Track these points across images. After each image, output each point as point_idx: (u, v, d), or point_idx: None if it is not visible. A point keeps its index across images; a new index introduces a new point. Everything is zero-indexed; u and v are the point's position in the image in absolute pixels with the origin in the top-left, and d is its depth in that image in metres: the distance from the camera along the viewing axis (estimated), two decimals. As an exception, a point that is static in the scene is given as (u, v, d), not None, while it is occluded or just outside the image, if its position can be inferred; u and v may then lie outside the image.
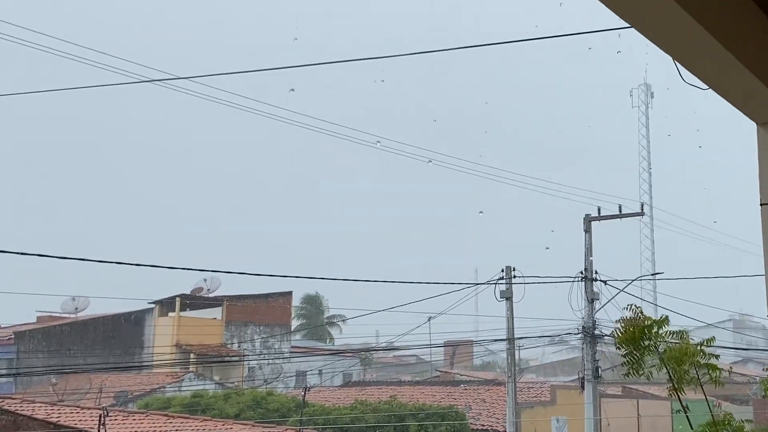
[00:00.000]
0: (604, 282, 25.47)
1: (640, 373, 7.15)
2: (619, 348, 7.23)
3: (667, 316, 7.05)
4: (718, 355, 7.32)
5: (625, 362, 7.21)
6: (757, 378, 46.71)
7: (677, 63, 2.96)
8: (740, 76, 2.77)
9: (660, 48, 2.73)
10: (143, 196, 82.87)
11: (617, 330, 7.28)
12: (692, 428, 7.89)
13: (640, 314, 7.23)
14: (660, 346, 7.07)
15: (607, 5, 2.58)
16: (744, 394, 39.59)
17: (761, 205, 3.04)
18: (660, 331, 7.00)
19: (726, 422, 7.07)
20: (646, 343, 7.00)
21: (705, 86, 3.04)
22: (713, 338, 7.28)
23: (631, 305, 7.40)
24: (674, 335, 7.02)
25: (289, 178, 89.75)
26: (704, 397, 7.27)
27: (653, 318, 7.24)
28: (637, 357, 7.07)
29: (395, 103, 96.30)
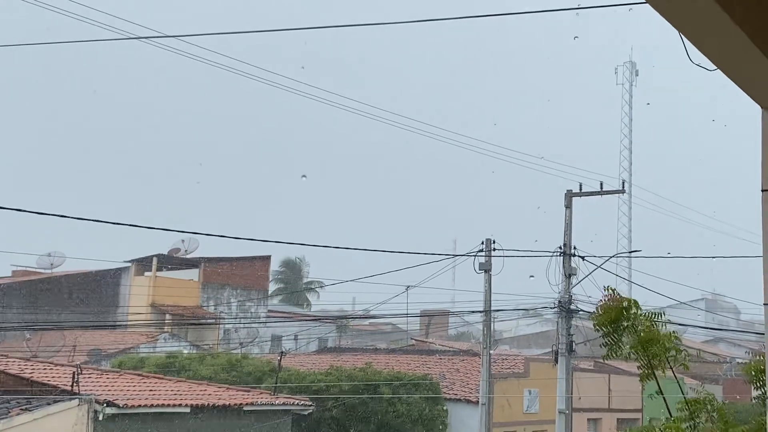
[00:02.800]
0: (582, 258, 25.58)
1: (618, 354, 7.21)
2: (597, 330, 7.28)
3: (635, 300, 7.14)
4: (681, 352, 7.49)
5: (603, 343, 7.26)
6: (728, 358, 47.39)
7: (685, 41, 2.88)
8: (751, 58, 2.70)
9: (671, 23, 2.64)
10: (126, 155, 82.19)
11: (596, 312, 7.34)
12: (668, 408, 7.94)
13: (617, 296, 7.27)
14: (638, 326, 7.11)
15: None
16: (714, 374, 40.12)
17: (762, 191, 2.99)
18: (636, 312, 7.06)
19: (707, 401, 7.13)
20: (624, 324, 7.06)
21: (713, 67, 2.97)
22: (673, 332, 7.40)
23: (608, 287, 7.43)
24: (650, 316, 7.09)
25: (270, 139, 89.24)
26: (682, 376, 7.33)
27: (629, 299, 7.30)
28: (616, 338, 7.12)
29: (387, 72, 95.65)
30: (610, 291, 7.31)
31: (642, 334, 7.04)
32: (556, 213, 26.20)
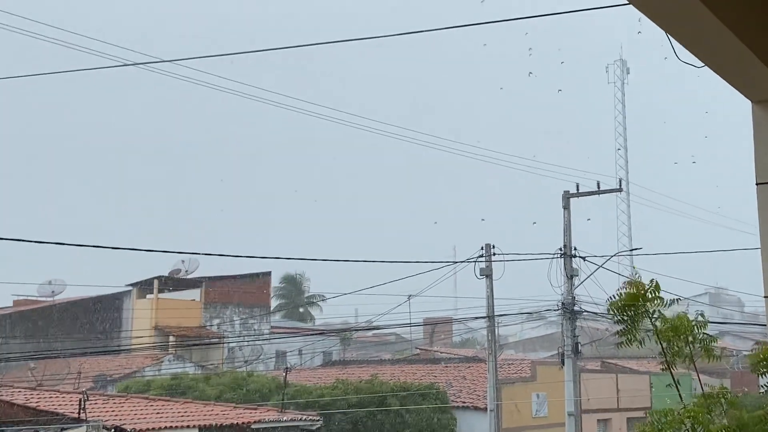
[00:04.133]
0: (583, 258, 25.57)
1: (633, 342, 7.05)
2: (613, 315, 7.13)
3: (658, 283, 6.96)
4: (716, 340, 7.28)
5: (618, 331, 7.13)
6: (734, 351, 47.30)
7: (672, 40, 2.89)
8: (737, 54, 2.71)
9: (657, 24, 2.65)
10: (121, 180, 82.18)
11: (613, 297, 7.17)
12: (682, 402, 7.88)
13: (637, 282, 7.13)
14: (655, 314, 6.97)
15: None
16: (721, 367, 40.04)
17: (757, 184, 2.99)
18: (654, 298, 6.90)
19: (721, 395, 7.05)
20: (642, 310, 6.90)
21: (700, 64, 2.97)
22: (702, 313, 7.24)
23: (634, 268, 7.32)
24: (670, 305, 6.93)
25: (262, 157, 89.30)
26: (688, 372, 7.26)
27: (647, 284, 7.13)
28: (632, 326, 6.96)
29: (375, 80, 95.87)
30: (634, 276, 7.17)
31: (664, 325, 6.84)
32: (554, 215, 26.21)
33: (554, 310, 26.30)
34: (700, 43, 2.73)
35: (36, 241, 13.40)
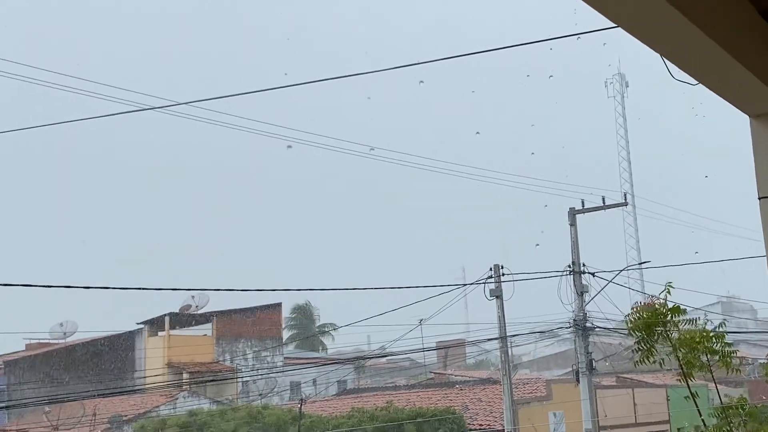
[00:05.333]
0: (592, 274, 25.52)
1: (651, 360, 7.03)
2: (631, 335, 7.13)
3: (677, 306, 6.94)
4: (733, 347, 7.23)
5: (636, 349, 7.10)
6: (750, 359, 46.99)
7: (666, 61, 2.92)
8: (732, 71, 2.74)
9: (649, 47, 2.68)
10: (126, 219, 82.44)
11: (630, 317, 7.16)
12: (700, 414, 7.83)
13: (652, 300, 7.13)
14: (673, 334, 6.95)
15: (591, 5, 2.52)
16: (737, 376, 39.73)
17: (759, 198, 3.01)
18: (674, 319, 6.88)
19: (740, 406, 7.02)
20: (659, 329, 6.88)
21: (695, 82, 3.01)
22: (724, 322, 7.22)
23: (650, 296, 7.32)
24: (688, 323, 6.91)
25: (268, 188, 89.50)
26: (705, 382, 7.23)
27: (665, 303, 7.09)
28: (650, 344, 6.94)
29: (384, 110, 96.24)
30: (650, 298, 7.18)
31: (681, 337, 6.82)
32: (560, 232, 26.19)
33: (566, 328, 26.22)
34: (694, 62, 2.76)
35: (44, 286, 13.44)
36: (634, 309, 7.15)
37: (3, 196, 73.04)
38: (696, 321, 7.07)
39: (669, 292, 6.96)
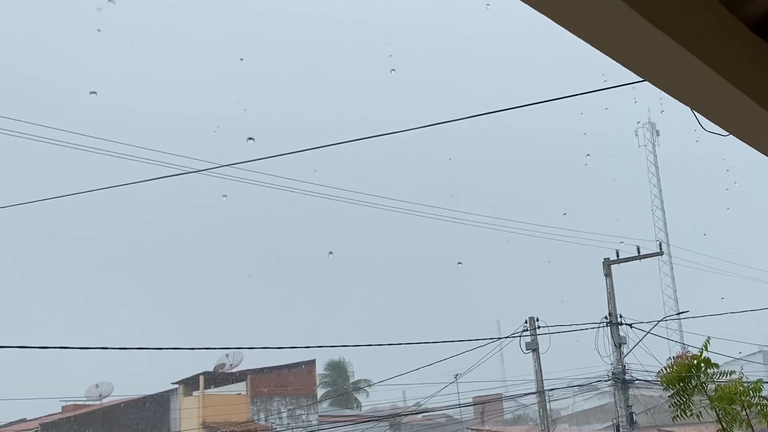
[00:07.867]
0: (630, 325, 25.17)
1: (688, 414, 6.92)
2: (666, 389, 7.03)
3: (708, 358, 6.84)
4: None
5: (671, 404, 6.99)
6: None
7: (696, 113, 2.91)
8: (762, 120, 2.72)
9: (677, 99, 2.67)
10: (158, 279, 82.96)
11: (663, 371, 7.07)
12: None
13: (685, 353, 7.04)
14: (708, 386, 6.85)
15: (618, 61, 2.53)
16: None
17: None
18: (709, 371, 6.79)
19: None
20: (694, 383, 6.78)
21: (725, 132, 2.99)
22: (761, 381, 7.10)
23: (686, 348, 7.25)
24: (723, 375, 6.82)
25: (292, 248, 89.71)
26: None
27: (699, 355, 7.00)
28: (685, 398, 6.84)
29: (399, 165, 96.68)
30: (683, 352, 7.10)
31: (718, 391, 6.72)
32: (595, 283, 25.93)
33: (605, 381, 25.80)
34: (725, 115, 2.75)
35: (80, 348, 13.53)
36: (668, 363, 7.05)
37: (47, 258, 73.90)
38: (730, 374, 6.96)
39: (706, 348, 6.86)
